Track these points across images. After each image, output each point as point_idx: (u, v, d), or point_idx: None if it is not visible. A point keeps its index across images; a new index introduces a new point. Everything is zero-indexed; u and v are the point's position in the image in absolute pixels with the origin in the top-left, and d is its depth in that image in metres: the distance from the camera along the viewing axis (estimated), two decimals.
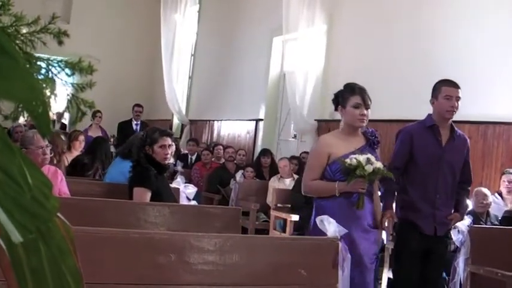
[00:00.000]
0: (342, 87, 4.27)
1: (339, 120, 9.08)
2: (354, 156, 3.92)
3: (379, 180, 4.23)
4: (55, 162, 5.92)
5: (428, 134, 4.53)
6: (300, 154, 9.60)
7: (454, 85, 4.50)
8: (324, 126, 9.79)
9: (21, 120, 11.85)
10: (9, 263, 0.64)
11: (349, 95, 4.12)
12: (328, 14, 9.89)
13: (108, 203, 4.27)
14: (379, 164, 3.96)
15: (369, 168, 3.87)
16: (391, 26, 8.64)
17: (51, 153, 4.78)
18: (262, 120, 11.76)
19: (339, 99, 4.20)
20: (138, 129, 11.05)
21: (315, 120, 9.89)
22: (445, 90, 4.46)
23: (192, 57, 15.49)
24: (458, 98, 4.45)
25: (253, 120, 11.99)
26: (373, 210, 4.17)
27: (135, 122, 11.89)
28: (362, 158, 3.89)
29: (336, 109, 4.28)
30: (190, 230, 3.91)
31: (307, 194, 4.35)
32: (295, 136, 10.98)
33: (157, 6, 15.93)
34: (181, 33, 15.19)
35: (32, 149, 4.48)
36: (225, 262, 2.96)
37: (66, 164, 6.70)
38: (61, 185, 4.76)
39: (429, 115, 4.62)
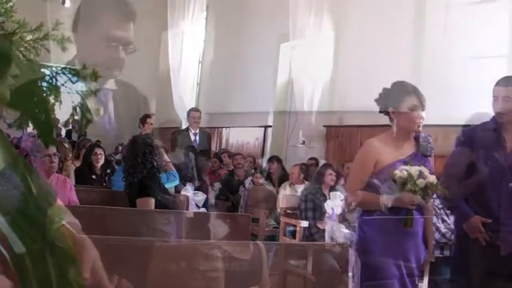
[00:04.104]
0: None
1: (347, 126, 9.17)
2: (405, 168, 3.42)
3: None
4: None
5: (491, 137, 3.81)
6: (307, 160, 9.59)
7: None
8: (332, 132, 9.77)
9: (30, 129, 11.91)
10: (15, 273, 0.64)
11: (404, 96, 3.58)
12: (336, 20, 9.87)
13: (117, 211, 4.27)
14: (432, 178, 3.41)
15: (421, 183, 3.36)
16: (398, 32, 8.61)
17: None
18: (270, 126, 11.76)
19: (389, 100, 3.65)
20: (198, 141, 8.94)
21: (324, 126, 9.87)
22: (495, 91, 3.81)
23: (200, 64, 15.51)
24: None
25: (262, 126, 11.98)
26: (424, 225, 3.64)
27: (193, 131, 9.11)
28: (414, 170, 3.39)
29: (381, 111, 3.71)
30: (199, 237, 3.90)
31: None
32: (303, 142, 10.95)
33: (164, 13, 15.94)
34: (188, 41, 15.20)
35: (39, 156, 4.48)
36: (235, 269, 2.95)
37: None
38: (70, 194, 4.77)
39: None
